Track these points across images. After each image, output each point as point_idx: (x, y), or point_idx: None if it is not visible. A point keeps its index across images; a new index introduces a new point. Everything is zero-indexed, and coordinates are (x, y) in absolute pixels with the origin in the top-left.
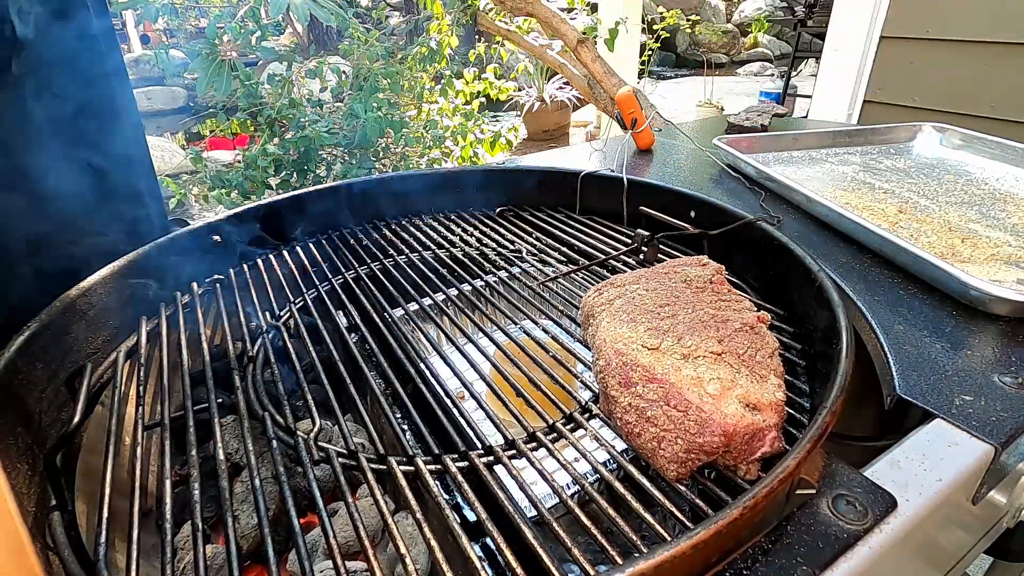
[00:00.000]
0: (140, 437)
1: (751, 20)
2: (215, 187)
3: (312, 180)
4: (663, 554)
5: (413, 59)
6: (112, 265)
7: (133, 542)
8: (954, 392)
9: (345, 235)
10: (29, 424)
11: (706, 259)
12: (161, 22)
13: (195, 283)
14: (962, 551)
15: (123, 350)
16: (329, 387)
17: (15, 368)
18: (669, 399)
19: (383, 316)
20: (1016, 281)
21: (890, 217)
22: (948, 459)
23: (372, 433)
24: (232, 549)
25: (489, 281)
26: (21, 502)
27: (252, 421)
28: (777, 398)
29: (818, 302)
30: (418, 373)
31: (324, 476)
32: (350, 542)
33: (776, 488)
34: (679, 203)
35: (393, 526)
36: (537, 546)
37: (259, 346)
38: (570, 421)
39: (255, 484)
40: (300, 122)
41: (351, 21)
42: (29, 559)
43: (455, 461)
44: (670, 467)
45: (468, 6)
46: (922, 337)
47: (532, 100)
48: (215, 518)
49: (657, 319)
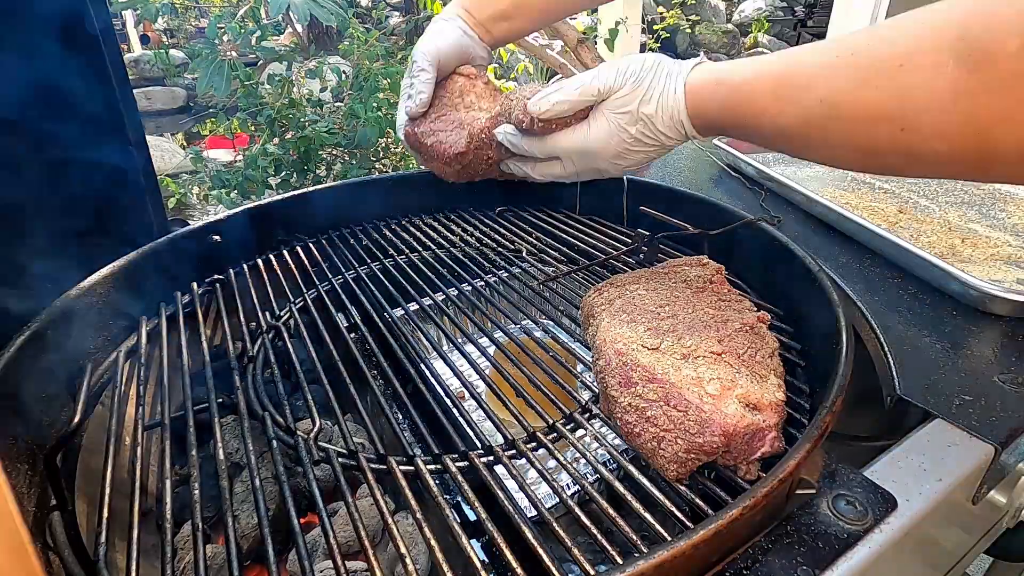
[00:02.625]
0: (140, 437)
1: (751, 20)
2: (215, 187)
3: (312, 180)
4: (663, 554)
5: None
6: (112, 265)
7: (133, 542)
8: (954, 392)
9: (345, 235)
10: (29, 424)
11: (706, 259)
12: (161, 22)
13: (195, 283)
14: (962, 551)
15: (123, 350)
16: (329, 387)
17: (15, 368)
18: (669, 399)
19: (383, 316)
20: (1016, 281)
21: (890, 217)
22: (948, 459)
23: (372, 433)
24: (232, 549)
25: (489, 281)
26: (21, 502)
27: (252, 421)
28: (777, 398)
29: (818, 302)
30: (418, 373)
31: (324, 476)
32: (350, 542)
33: (776, 488)
34: (679, 203)
35: (393, 526)
36: (537, 546)
37: (259, 346)
38: (570, 421)
39: (255, 484)
40: (300, 122)
41: (351, 21)
42: (29, 559)
43: (455, 461)
44: (670, 467)
45: None
46: (922, 337)
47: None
48: (215, 518)
49: (657, 319)
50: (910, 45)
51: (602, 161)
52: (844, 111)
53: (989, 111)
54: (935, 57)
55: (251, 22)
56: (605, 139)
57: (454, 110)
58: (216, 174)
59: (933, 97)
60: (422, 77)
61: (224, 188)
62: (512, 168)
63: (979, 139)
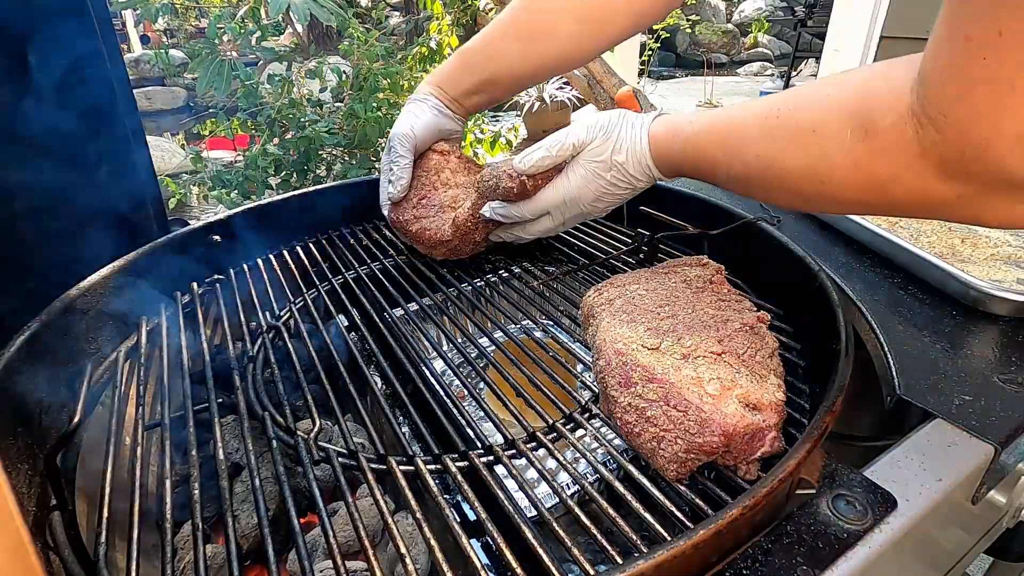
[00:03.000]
0: (140, 437)
1: (751, 20)
2: (215, 187)
3: (312, 180)
4: (663, 554)
5: (413, 59)
6: (112, 265)
7: (133, 542)
8: (954, 392)
9: (345, 235)
10: (29, 424)
11: (706, 259)
12: (161, 22)
13: (195, 283)
14: (962, 551)
15: (123, 350)
16: (329, 387)
17: (15, 368)
18: (669, 399)
19: (383, 316)
20: (1016, 281)
21: (890, 217)
22: (948, 459)
23: (372, 433)
24: (232, 549)
25: (489, 281)
26: (21, 502)
27: (252, 421)
28: (777, 398)
29: (818, 302)
30: (418, 373)
31: (324, 476)
32: (350, 542)
33: (776, 488)
34: (679, 203)
35: (393, 526)
36: (537, 546)
37: (259, 346)
38: (570, 421)
39: (255, 484)
40: (300, 122)
41: (351, 21)
42: (30, 559)
43: (455, 461)
44: (670, 467)
45: (468, 6)
46: (922, 337)
47: (532, 100)
48: (215, 518)
49: (657, 319)
50: (822, 115)
51: (584, 205)
52: (776, 167)
53: (880, 171)
54: (838, 126)
55: (251, 22)
56: (584, 185)
57: (432, 190)
58: (216, 174)
59: (839, 159)
60: (400, 163)
61: (224, 188)
62: (503, 236)
63: (879, 192)
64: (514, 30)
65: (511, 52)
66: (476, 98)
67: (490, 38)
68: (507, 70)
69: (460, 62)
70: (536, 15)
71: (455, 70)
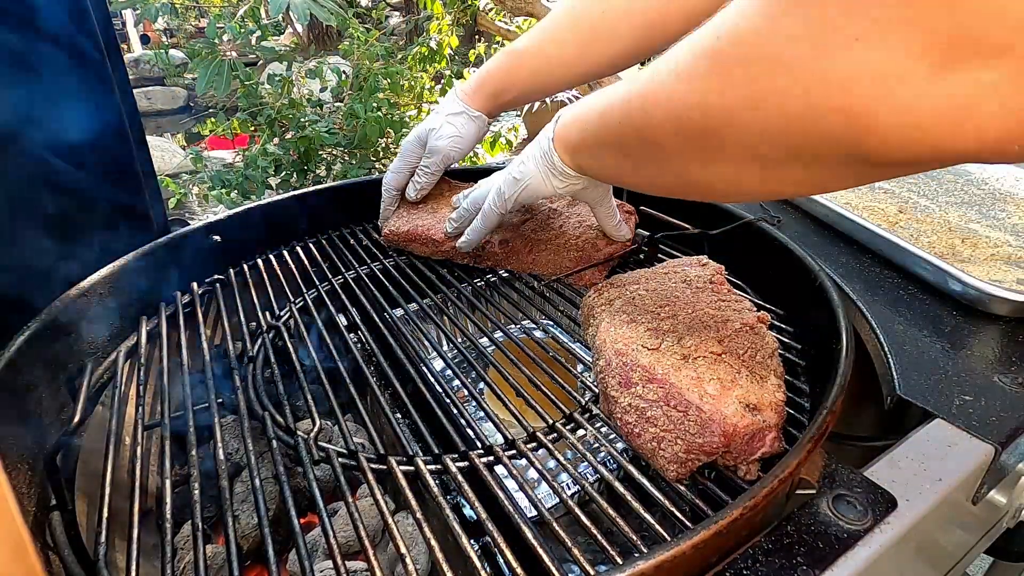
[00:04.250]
0: (140, 437)
1: None
2: (215, 187)
3: (312, 180)
4: (663, 554)
5: (413, 59)
6: (112, 265)
7: (133, 542)
8: (954, 392)
9: (345, 235)
10: (29, 424)
11: (706, 259)
12: (161, 22)
13: (195, 283)
14: (962, 551)
15: (123, 350)
16: (329, 387)
17: (15, 368)
18: (669, 399)
19: (383, 316)
20: (1016, 281)
21: (890, 217)
22: (948, 459)
23: (372, 433)
24: (232, 549)
25: (489, 281)
26: (21, 502)
27: (252, 421)
28: (777, 398)
29: (818, 302)
30: (418, 373)
31: (324, 476)
32: (350, 542)
33: (776, 488)
34: (679, 203)
35: (393, 526)
36: (537, 546)
37: (259, 346)
38: (570, 421)
39: (255, 484)
40: (300, 122)
41: (351, 21)
42: (30, 559)
43: (455, 461)
44: (670, 467)
45: (468, 6)
46: (922, 337)
47: None
48: (215, 518)
49: (657, 319)
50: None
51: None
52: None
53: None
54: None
55: (251, 22)
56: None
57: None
58: (216, 174)
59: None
60: (431, 178)
61: (224, 188)
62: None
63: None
64: (574, 30)
65: (568, 54)
66: (514, 100)
67: (548, 38)
68: (561, 70)
69: (512, 63)
70: (599, 16)
71: (507, 73)
